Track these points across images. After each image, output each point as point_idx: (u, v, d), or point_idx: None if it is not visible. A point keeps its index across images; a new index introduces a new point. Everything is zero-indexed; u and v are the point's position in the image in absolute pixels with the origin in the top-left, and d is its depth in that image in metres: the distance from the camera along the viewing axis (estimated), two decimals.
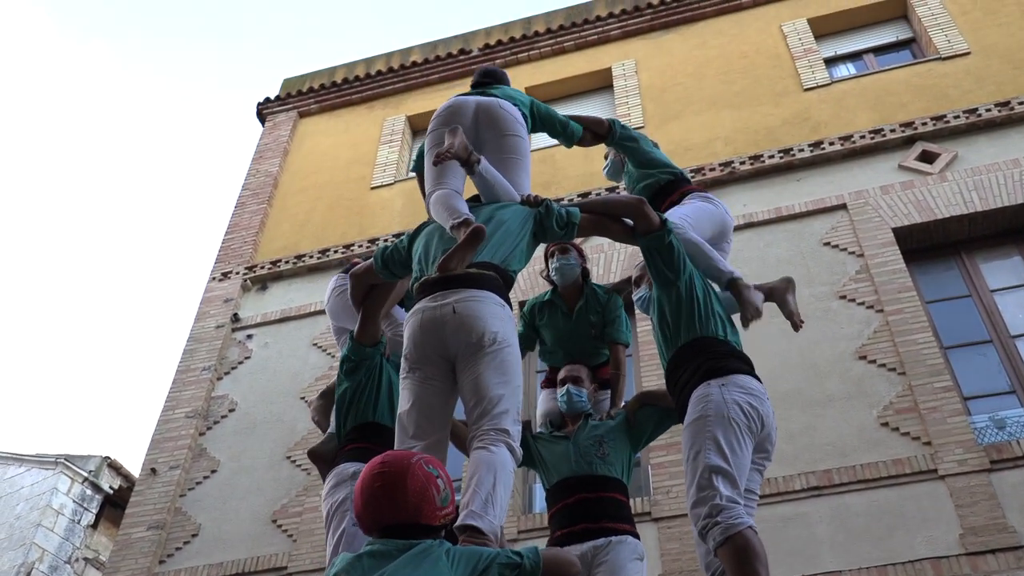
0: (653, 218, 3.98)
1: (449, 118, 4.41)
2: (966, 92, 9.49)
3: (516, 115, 4.49)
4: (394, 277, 4.23)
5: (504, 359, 3.52)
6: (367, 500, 2.65)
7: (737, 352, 3.89)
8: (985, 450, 6.89)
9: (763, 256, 8.80)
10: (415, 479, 2.64)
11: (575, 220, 4.02)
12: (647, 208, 3.99)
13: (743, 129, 10.10)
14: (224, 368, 9.94)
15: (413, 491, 2.62)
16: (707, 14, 11.79)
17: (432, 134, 4.44)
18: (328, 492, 4.41)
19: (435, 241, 3.92)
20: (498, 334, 3.52)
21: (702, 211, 4.65)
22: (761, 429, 3.67)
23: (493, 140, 4.41)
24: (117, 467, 14.35)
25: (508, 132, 4.41)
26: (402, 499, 2.61)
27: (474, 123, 4.43)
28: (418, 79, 12.64)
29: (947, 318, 8.11)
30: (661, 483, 7.49)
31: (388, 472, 2.65)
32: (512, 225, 3.92)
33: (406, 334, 3.69)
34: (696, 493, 3.46)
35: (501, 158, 4.35)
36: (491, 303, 3.59)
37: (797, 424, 7.38)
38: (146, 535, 8.59)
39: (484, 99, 4.52)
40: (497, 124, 4.41)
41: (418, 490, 2.62)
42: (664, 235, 3.96)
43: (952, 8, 10.49)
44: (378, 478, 2.65)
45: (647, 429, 4.45)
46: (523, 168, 4.39)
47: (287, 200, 11.76)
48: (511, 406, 3.45)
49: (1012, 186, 8.47)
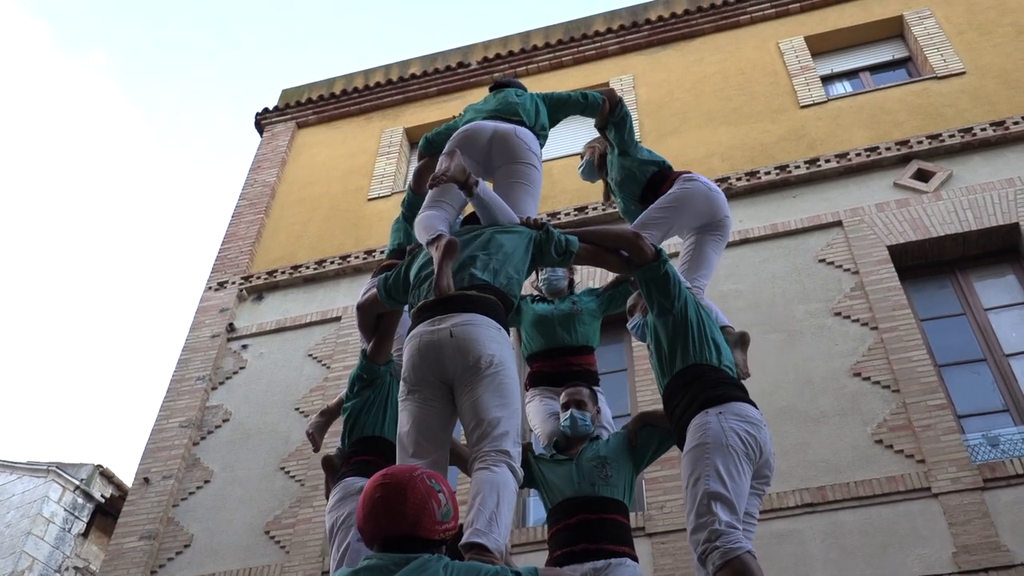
0: (648, 250, 4.02)
1: (464, 143, 4.49)
2: (961, 111, 9.55)
3: (531, 144, 4.55)
4: (399, 304, 4.29)
5: (502, 381, 3.56)
6: (368, 512, 2.67)
7: (732, 380, 3.92)
8: (979, 468, 6.91)
9: (759, 272, 8.83)
10: (415, 492, 2.65)
11: (573, 249, 4.08)
12: (642, 240, 4.04)
13: (740, 145, 10.14)
14: (219, 378, 9.93)
15: (413, 503, 2.63)
16: (705, 30, 11.86)
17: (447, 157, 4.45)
18: (333, 506, 4.42)
19: (426, 262, 3.98)
20: (495, 357, 3.56)
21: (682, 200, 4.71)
22: (759, 456, 3.70)
23: (504, 166, 4.48)
24: (109, 476, 14.29)
25: (520, 160, 4.48)
26: (401, 511, 2.61)
27: (487, 147, 4.50)
28: (416, 91, 12.67)
29: (941, 336, 8.14)
30: (655, 498, 7.50)
31: (389, 484, 2.66)
32: (511, 248, 3.96)
33: (405, 357, 3.73)
34: (695, 519, 3.47)
35: (510, 183, 4.44)
36: (488, 327, 3.63)
37: (791, 440, 7.40)
38: (138, 545, 8.56)
39: (502, 126, 4.57)
40: (510, 151, 4.48)
41: (418, 503, 2.63)
42: (659, 266, 3.99)
43: (948, 28, 10.56)
44: (379, 489, 2.67)
45: (649, 450, 4.47)
46: (531, 195, 4.45)
47: (284, 211, 11.77)
48: (510, 428, 3.49)
49: (1006, 205, 8.52)
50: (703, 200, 4.80)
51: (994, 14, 10.54)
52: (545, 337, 5.08)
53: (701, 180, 4.93)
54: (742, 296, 8.64)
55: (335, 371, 9.41)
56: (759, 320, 8.35)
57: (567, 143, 10.76)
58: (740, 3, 11.83)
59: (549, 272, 5.19)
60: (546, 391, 4.97)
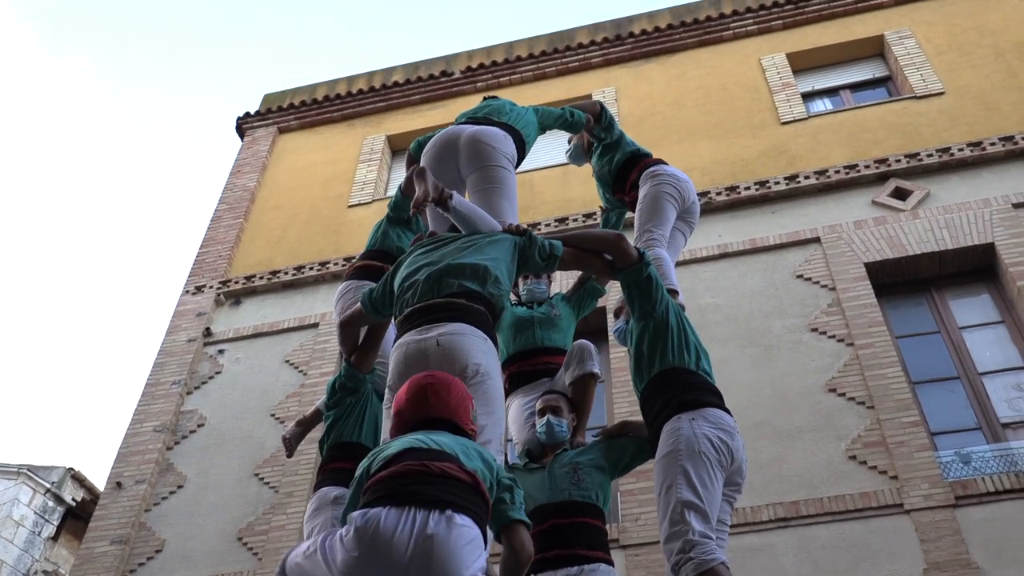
0: (631, 253, 4.04)
1: (439, 151, 4.65)
2: (939, 131, 9.64)
3: (497, 143, 4.62)
4: (384, 317, 4.28)
5: (487, 391, 3.57)
6: (412, 396, 3.13)
7: (708, 385, 3.94)
8: (951, 486, 6.96)
9: (737, 287, 8.88)
10: (458, 388, 3.19)
11: (557, 253, 4.08)
12: (625, 243, 4.06)
13: (720, 160, 10.20)
14: (194, 382, 9.88)
15: (456, 395, 3.15)
16: (688, 45, 11.93)
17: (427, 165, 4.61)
18: (310, 516, 4.42)
19: (410, 265, 3.98)
20: (481, 366, 3.57)
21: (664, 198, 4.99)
22: (731, 463, 3.71)
23: (474, 172, 4.57)
24: (81, 479, 14.16)
25: (487, 163, 4.55)
26: (446, 399, 3.12)
27: (458, 153, 4.61)
28: (399, 99, 12.68)
29: (916, 353, 8.20)
30: (630, 510, 7.51)
31: (438, 377, 3.21)
32: (498, 256, 3.96)
33: (391, 365, 3.73)
34: (669, 528, 3.49)
35: (484, 188, 4.51)
36: (474, 336, 3.63)
37: (766, 455, 7.43)
38: (109, 549, 8.49)
39: (469, 128, 4.68)
40: (476, 156, 4.57)
41: (459, 396, 3.16)
42: (642, 269, 4.02)
43: (927, 48, 10.67)
44: (428, 378, 3.19)
45: (624, 458, 4.45)
46: (506, 198, 4.51)
47: (263, 216, 11.74)
48: (493, 436, 3.51)
49: (982, 225, 8.60)
50: (680, 192, 5.07)
51: (973, 36, 10.66)
52: (523, 339, 5.13)
53: (667, 173, 5.13)
54: (720, 310, 8.68)
55: (312, 377, 9.38)
56: (736, 334, 8.41)
57: (547, 155, 10.79)
58: (723, 19, 11.91)
59: (532, 283, 5.24)
60: (524, 392, 5.00)
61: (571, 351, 4.83)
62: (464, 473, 2.78)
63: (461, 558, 2.59)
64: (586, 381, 4.78)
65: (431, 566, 2.53)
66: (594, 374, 4.79)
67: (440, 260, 3.89)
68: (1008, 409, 7.63)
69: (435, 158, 4.67)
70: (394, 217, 5.32)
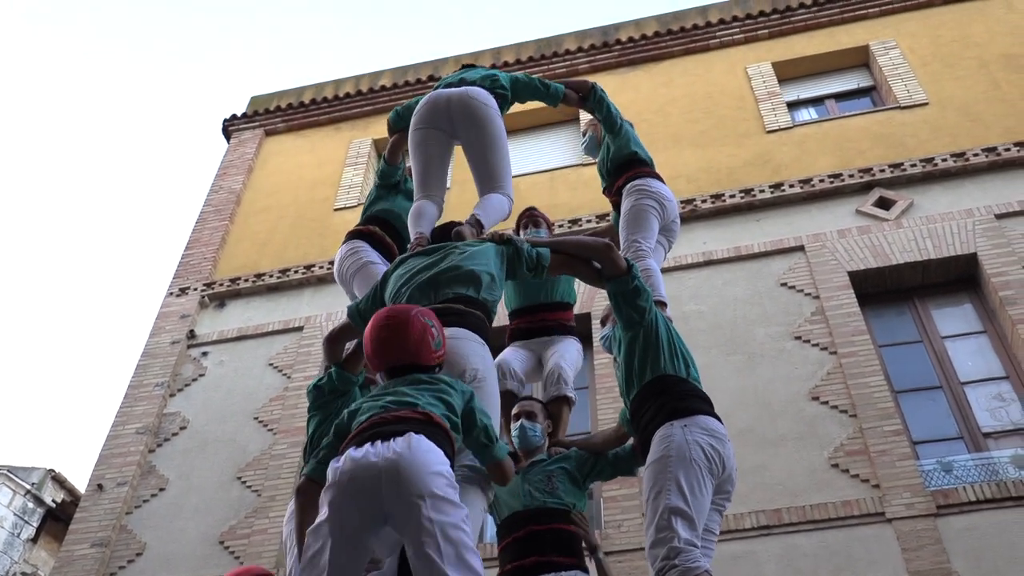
0: (620, 263, 4.04)
1: (427, 116, 4.84)
2: (923, 141, 9.71)
3: (485, 99, 4.82)
4: None
5: (483, 396, 3.60)
6: (375, 346, 3.33)
7: (699, 392, 3.95)
8: (932, 495, 7.00)
9: (721, 294, 8.91)
10: (414, 328, 3.30)
11: (544, 263, 4.09)
12: (613, 253, 4.05)
13: (706, 168, 10.24)
14: (177, 385, 9.83)
15: (413, 338, 3.28)
16: (674, 53, 11.97)
17: (416, 132, 4.88)
18: (289, 518, 4.39)
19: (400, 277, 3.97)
20: (479, 371, 3.60)
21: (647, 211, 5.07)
22: (722, 471, 3.73)
23: (468, 131, 4.77)
24: (61, 481, 14.08)
25: (480, 121, 4.76)
26: (404, 345, 3.28)
27: (448, 114, 4.81)
28: (386, 103, 12.65)
29: (899, 362, 8.25)
30: (612, 517, 7.52)
31: (392, 324, 3.33)
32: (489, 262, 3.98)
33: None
34: (655, 534, 3.49)
35: (482, 150, 4.75)
36: (472, 341, 3.66)
37: (749, 462, 7.44)
38: (89, 552, 8.45)
39: (456, 92, 4.86)
40: (469, 115, 4.76)
41: (417, 337, 3.29)
42: (630, 280, 4.02)
43: (912, 59, 10.75)
44: (384, 329, 3.33)
45: (596, 472, 4.50)
46: (500, 152, 4.75)
47: (249, 218, 11.70)
48: None
49: (965, 235, 8.66)
50: (665, 208, 5.18)
51: (957, 47, 10.75)
52: (525, 294, 5.38)
53: (652, 190, 5.18)
54: (704, 317, 8.71)
55: (296, 381, 9.36)
56: (720, 341, 8.44)
57: (534, 160, 10.81)
58: (709, 27, 11.97)
59: (532, 232, 5.46)
60: (520, 344, 5.34)
61: (550, 373, 5.06)
62: (418, 413, 3.04)
63: (426, 461, 2.86)
64: (559, 403, 4.89)
65: (400, 473, 2.81)
66: (567, 397, 4.91)
67: (432, 267, 3.89)
68: (990, 419, 7.68)
69: (427, 115, 4.84)
70: (382, 184, 5.57)
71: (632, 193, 5.17)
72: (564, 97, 5.40)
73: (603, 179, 5.57)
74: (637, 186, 5.18)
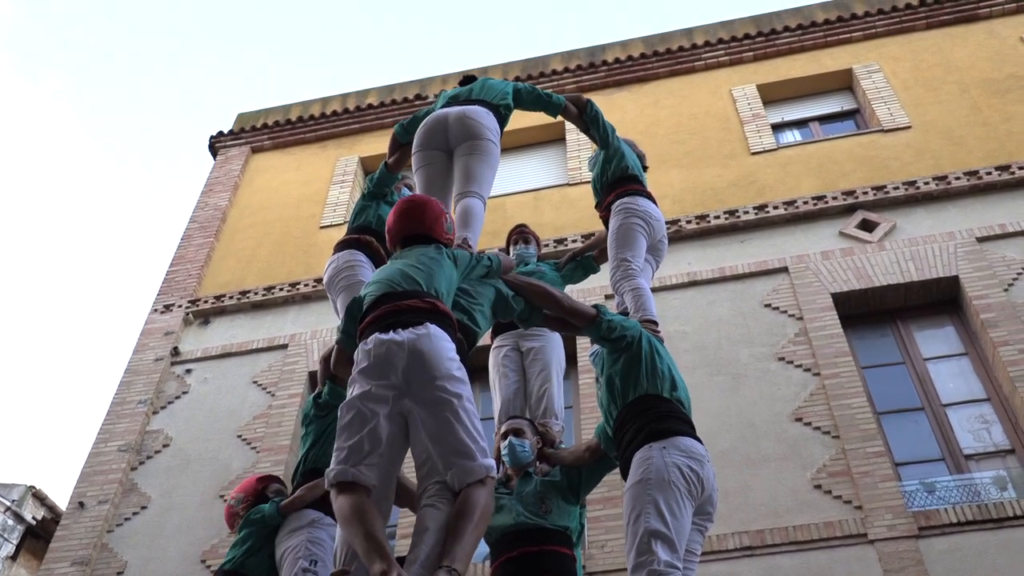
0: (585, 312, 4.28)
1: (426, 136, 5.12)
2: (906, 164, 9.79)
3: (483, 119, 5.05)
4: None
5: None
6: (398, 217, 4.12)
7: (680, 413, 3.98)
8: (914, 516, 7.03)
9: (705, 314, 8.95)
10: (433, 207, 4.14)
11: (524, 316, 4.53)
12: (576, 305, 4.34)
13: (691, 189, 10.29)
14: (160, 402, 9.78)
15: (430, 214, 4.10)
16: (660, 74, 12.05)
17: (416, 155, 5.16)
18: (281, 538, 4.41)
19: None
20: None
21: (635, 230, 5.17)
22: (701, 492, 3.74)
23: (462, 143, 5.00)
24: (42, 498, 13.93)
25: (475, 136, 4.99)
26: (422, 217, 4.09)
27: (445, 133, 5.07)
28: (373, 121, 12.69)
29: (881, 384, 8.29)
30: (596, 537, 7.51)
31: (416, 200, 4.22)
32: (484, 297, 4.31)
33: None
34: (635, 557, 3.50)
35: (468, 155, 4.95)
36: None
37: (732, 483, 7.46)
38: (70, 571, 8.38)
39: (455, 110, 5.10)
40: (465, 131, 5.01)
41: (434, 214, 4.11)
42: (602, 323, 4.22)
43: (895, 83, 10.85)
44: (408, 202, 4.20)
45: (584, 482, 4.51)
46: (488, 165, 4.99)
47: (235, 235, 11.69)
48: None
49: (947, 258, 8.73)
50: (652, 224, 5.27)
51: (939, 71, 10.86)
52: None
53: (640, 209, 5.27)
54: (688, 338, 8.73)
55: (280, 399, 9.33)
56: (704, 362, 8.46)
57: (520, 180, 10.84)
58: (695, 49, 12.05)
59: (522, 248, 5.87)
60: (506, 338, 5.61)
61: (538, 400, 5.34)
62: (425, 303, 3.65)
63: (441, 347, 3.53)
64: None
65: (423, 355, 3.46)
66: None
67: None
68: (971, 440, 7.73)
69: (425, 137, 5.11)
70: (374, 192, 5.74)
71: (620, 212, 5.23)
72: (564, 109, 5.51)
73: (595, 195, 5.64)
74: (625, 204, 5.25)
